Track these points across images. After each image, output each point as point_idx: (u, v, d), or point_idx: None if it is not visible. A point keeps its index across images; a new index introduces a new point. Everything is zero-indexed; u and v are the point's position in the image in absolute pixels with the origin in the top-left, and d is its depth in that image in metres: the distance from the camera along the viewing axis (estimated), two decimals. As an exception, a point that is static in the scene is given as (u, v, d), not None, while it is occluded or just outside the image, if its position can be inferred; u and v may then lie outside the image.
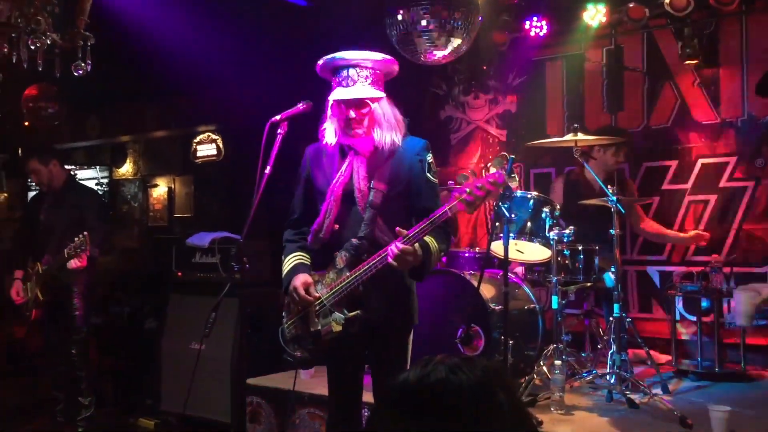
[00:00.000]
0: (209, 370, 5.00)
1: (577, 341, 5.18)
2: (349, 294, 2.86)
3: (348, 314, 2.86)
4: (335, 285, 2.90)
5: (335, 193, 2.94)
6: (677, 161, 5.60)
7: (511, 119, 6.40)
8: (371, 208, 2.89)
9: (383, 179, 2.92)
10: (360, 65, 2.93)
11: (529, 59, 6.20)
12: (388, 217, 2.91)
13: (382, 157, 2.97)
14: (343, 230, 2.93)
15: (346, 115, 2.90)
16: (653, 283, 5.70)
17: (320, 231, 2.96)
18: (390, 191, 2.91)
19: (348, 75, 2.91)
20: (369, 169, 2.94)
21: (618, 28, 5.70)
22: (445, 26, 4.29)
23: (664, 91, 5.67)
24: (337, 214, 2.94)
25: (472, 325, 4.41)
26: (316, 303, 2.93)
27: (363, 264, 2.82)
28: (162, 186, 8.33)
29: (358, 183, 2.92)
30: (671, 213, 5.59)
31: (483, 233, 6.38)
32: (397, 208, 2.94)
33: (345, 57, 2.93)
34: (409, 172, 2.95)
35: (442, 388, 1.16)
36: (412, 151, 2.98)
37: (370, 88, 2.92)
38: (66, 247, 4.67)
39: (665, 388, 4.43)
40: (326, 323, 2.90)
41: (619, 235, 4.38)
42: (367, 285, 2.84)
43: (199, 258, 5.55)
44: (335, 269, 2.93)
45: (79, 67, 2.62)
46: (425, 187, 2.94)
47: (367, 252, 2.85)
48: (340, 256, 2.92)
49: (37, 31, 2.40)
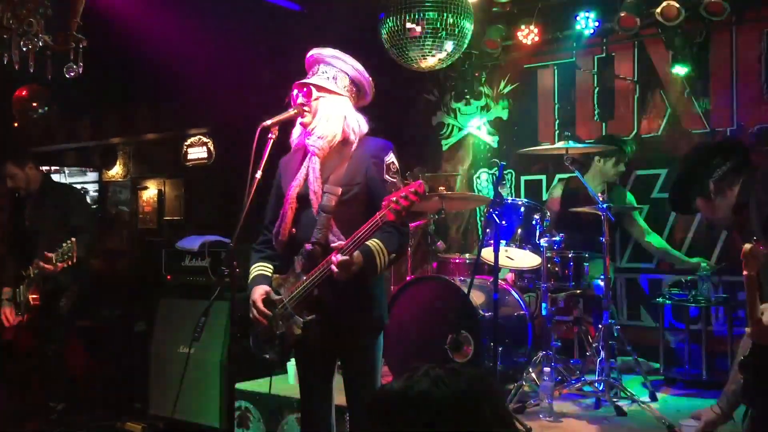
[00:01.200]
0: (198, 374, 4.99)
1: (567, 348, 5.19)
2: (306, 298, 2.90)
3: (306, 318, 2.89)
4: (294, 289, 2.94)
5: (291, 196, 2.99)
6: (667, 170, 5.63)
7: (502, 126, 6.42)
8: (324, 212, 2.91)
9: (337, 182, 2.95)
10: (329, 63, 3.04)
11: (520, 66, 6.23)
12: (342, 221, 2.92)
13: (338, 158, 3.00)
14: (300, 233, 2.97)
15: (294, 100, 3.01)
16: (642, 291, 5.72)
17: (279, 234, 3.01)
18: (344, 195, 2.93)
19: (314, 69, 3.06)
20: (324, 172, 2.97)
21: (609, 36, 5.73)
22: (437, 33, 4.30)
23: (654, 100, 5.70)
24: (293, 218, 2.98)
25: (462, 331, 4.42)
26: (279, 306, 2.97)
27: (314, 270, 2.86)
28: (152, 188, 8.30)
29: (313, 185, 2.95)
30: (661, 221, 5.61)
31: (473, 239, 6.40)
32: (352, 211, 2.94)
33: (316, 53, 3.07)
34: (365, 174, 2.97)
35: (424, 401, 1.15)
36: (370, 153, 3.00)
37: (328, 81, 3.01)
38: (53, 252, 4.64)
39: (653, 395, 4.45)
40: (288, 326, 2.94)
41: (609, 243, 4.39)
42: (325, 289, 2.87)
43: (188, 261, 5.54)
44: (294, 273, 2.97)
45: (72, 69, 2.61)
46: (383, 190, 2.91)
47: (321, 257, 2.87)
48: (297, 260, 2.96)
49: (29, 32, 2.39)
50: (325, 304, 2.90)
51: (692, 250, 5.46)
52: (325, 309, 2.90)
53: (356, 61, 3.09)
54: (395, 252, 2.92)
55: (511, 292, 4.83)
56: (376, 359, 3.07)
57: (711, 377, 4.88)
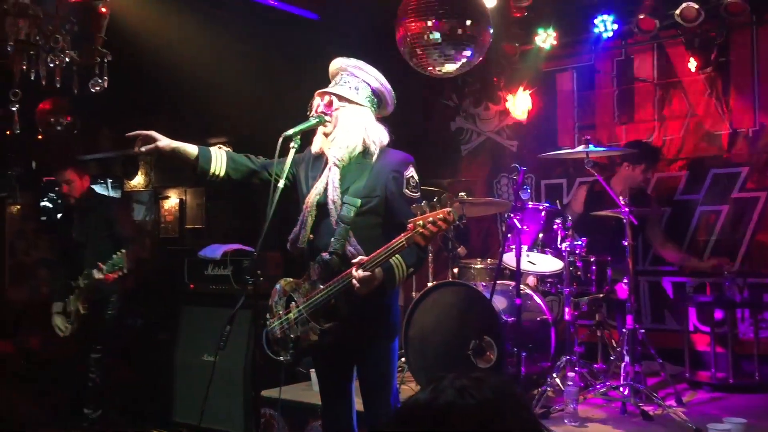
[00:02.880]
0: (222, 382, 5.01)
1: (590, 352, 5.17)
2: (323, 306, 2.93)
3: (323, 325, 2.92)
4: (310, 296, 2.96)
5: (311, 203, 3.01)
6: (688, 172, 5.59)
7: (521, 130, 6.41)
8: (342, 222, 2.93)
9: (357, 193, 2.96)
10: (351, 73, 3.05)
11: (539, 70, 6.22)
12: (360, 232, 2.94)
13: (358, 170, 3.01)
14: (318, 240, 2.99)
15: (315, 109, 3.03)
16: (666, 294, 5.68)
17: (297, 241, 3.04)
18: (363, 207, 2.95)
19: (336, 79, 3.08)
20: (344, 182, 2.99)
21: (628, 39, 5.71)
22: (455, 39, 4.30)
23: (675, 102, 5.67)
24: (312, 225, 3.00)
25: (484, 337, 4.41)
26: (294, 310, 3.01)
27: (333, 280, 2.88)
28: (173, 198, 8.38)
29: (332, 195, 2.96)
30: (683, 224, 5.57)
31: (493, 243, 6.38)
32: (370, 223, 2.97)
33: (339, 63, 3.09)
34: (384, 188, 2.97)
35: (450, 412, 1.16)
36: (389, 167, 3.00)
37: (348, 92, 3.01)
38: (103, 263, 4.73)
39: (679, 399, 4.41)
40: (304, 331, 2.97)
41: (632, 246, 4.37)
42: (341, 298, 2.90)
43: (211, 270, 5.57)
44: (310, 280, 2.99)
45: (97, 84, 2.65)
46: (402, 204, 2.94)
47: (338, 267, 2.90)
48: (313, 267, 2.98)
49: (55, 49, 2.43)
50: (342, 312, 2.93)
51: (716, 253, 5.42)
52: (341, 317, 2.93)
53: (378, 72, 3.10)
54: (413, 266, 2.94)
55: (534, 296, 4.82)
56: (391, 365, 3.09)
57: (737, 380, 4.83)
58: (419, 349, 4.64)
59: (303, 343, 2.98)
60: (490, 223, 6.47)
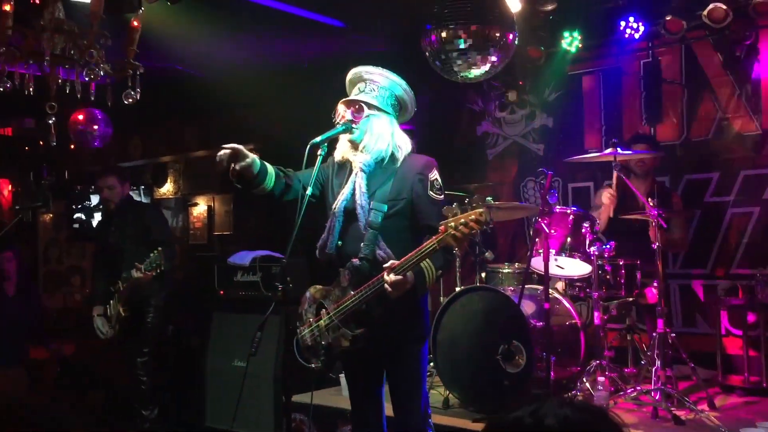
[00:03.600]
0: (253, 387, 5.07)
1: (621, 357, 5.14)
2: (354, 311, 2.95)
3: (355, 331, 2.95)
4: (341, 302, 2.99)
5: (339, 209, 3.04)
6: (719, 173, 5.53)
7: (548, 133, 6.39)
8: (371, 228, 2.96)
9: (383, 198, 3.00)
10: (376, 81, 3.09)
11: (565, 73, 6.20)
12: (388, 236, 2.98)
13: (384, 175, 3.04)
14: (347, 246, 3.03)
15: (344, 117, 3.04)
16: (697, 297, 5.62)
17: (326, 247, 3.07)
18: (390, 210, 2.98)
19: (359, 86, 3.11)
20: (370, 187, 3.02)
21: (655, 40, 5.67)
22: (480, 44, 4.32)
23: (703, 103, 5.61)
24: (340, 231, 3.04)
25: (513, 341, 4.40)
26: (325, 317, 3.03)
27: (364, 286, 2.91)
28: (202, 204, 8.49)
29: (360, 200, 3.00)
30: (713, 226, 5.52)
31: (520, 247, 6.36)
32: (398, 226, 3.01)
33: (363, 70, 3.11)
34: (410, 190, 3.01)
35: None
36: (414, 170, 3.04)
37: (374, 99, 3.05)
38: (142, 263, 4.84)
39: (711, 403, 4.37)
40: (335, 337, 3.00)
41: (660, 249, 4.34)
42: (372, 303, 2.92)
43: (240, 276, 5.64)
44: (340, 286, 3.02)
45: (130, 96, 2.71)
46: (427, 206, 2.99)
47: (369, 272, 2.93)
48: (343, 274, 3.01)
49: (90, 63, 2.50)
50: (373, 317, 2.96)
51: (747, 255, 5.36)
52: (373, 322, 2.96)
53: (402, 79, 3.13)
54: (442, 269, 2.97)
55: (563, 300, 4.80)
56: (421, 369, 3.12)
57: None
58: (448, 353, 4.65)
59: (334, 349, 3.01)
60: (517, 227, 6.45)
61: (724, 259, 5.49)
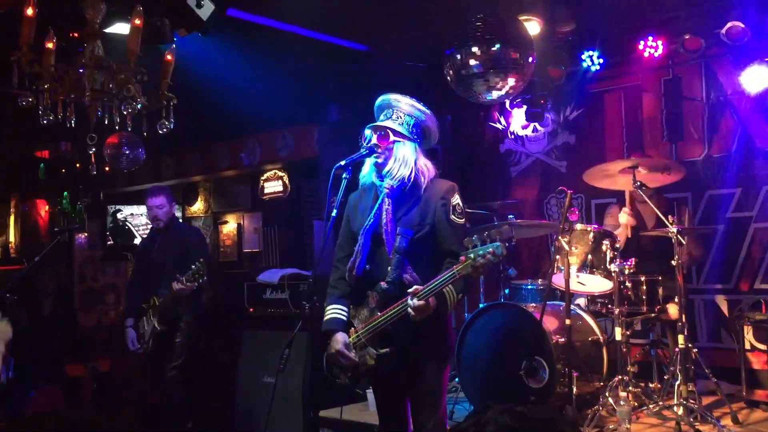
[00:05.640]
0: (282, 403, 5.18)
1: (645, 372, 5.17)
2: (380, 332, 3.09)
3: (380, 351, 3.09)
4: (369, 323, 3.12)
5: (366, 234, 3.16)
6: (741, 189, 5.56)
7: (570, 151, 6.47)
8: (398, 253, 3.09)
9: (409, 223, 3.12)
10: (402, 109, 3.22)
11: (586, 92, 6.27)
12: (414, 260, 3.10)
13: (410, 200, 3.16)
14: (374, 270, 3.15)
15: (370, 141, 3.15)
16: (721, 312, 5.63)
17: (353, 270, 3.19)
18: (415, 235, 3.10)
19: (386, 115, 3.23)
20: (396, 213, 3.14)
21: (675, 58, 5.73)
22: (499, 67, 4.43)
23: (724, 120, 5.66)
24: (367, 255, 3.15)
25: (536, 357, 4.47)
26: (353, 336, 3.16)
27: (390, 308, 3.04)
28: (231, 222, 8.68)
29: (387, 226, 3.12)
30: (737, 242, 5.54)
31: (544, 263, 6.41)
32: (424, 250, 3.13)
33: (387, 98, 3.25)
34: (434, 215, 3.13)
35: None
36: (437, 195, 3.16)
37: (401, 126, 3.17)
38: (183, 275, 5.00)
39: (735, 419, 4.39)
40: (362, 356, 3.14)
41: (680, 265, 4.38)
42: (397, 324, 3.05)
43: (269, 294, 5.77)
44: (368, 308, 3.15)
45: (164, 126, 2.87)
46: (449, 230, 3.11)
47: (395, 295, 3.05)
48: (371, 295, 3.13)
49: (127, 97, 2.66)
50: (398, 337, 3.08)
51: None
52: (398, 342, 3.09)
53: (427, 108, 3.26)
54: (463, 292, 3.12)
55: (584, 317, 4.86)
56: (441, 385, 3.22)
57: (796, 399, 4.77)
58: (472, 369, 4.73)
59: (361, 367, 3.15)
60: (541, 244, 6.52)
61: (748, 274, 5.50)
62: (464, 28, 4.52)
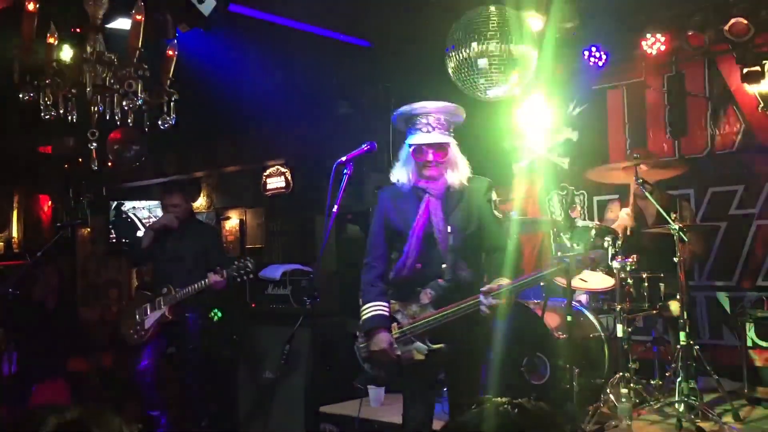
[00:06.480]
0: (283, 398, 5.19)
1: (647, 369, 5.16)
2: (434, 328, 3.13)
3: (432, 346, 3.14)
4: (419, 318, 3.16)
5: (417, 234, 3.19)
6: (744, 186, 5.55)
7: (573, 147, 6.44)
8: (452, 251, 3.15)
9: (459, 221, 3.18)
10: (436, 114, 3.20)
11: (589, 88, 6.26)
12: (466, 257, 3.19)
13: (455, 199, 3.22)
14: (425, 269, 3.20)
15: (425, 158, 3.17)
16: (723, 309, 5.63)
17: (403, 269, 3.22)
18: (466, 233, 3.18)
19: (428, 122, 3.19)
20: (445, 211, 3.19)
21: (678, 55, 5.71)
22: (501, 64, 4.42)
23: (727, 116, 5.64)
24: (418, 254, 3.18)
25: (537, 354, 4.48)
26: (397, 330, 3.19)
27: (452, 305, 3.10)
28: (234, 218, 8.68)
29: (438, 225, 3.17)
30: (739, 239, 5.53)
31: (546, 260, 6.40)
32: (473, 247, 3.23)
33: (425, 107, 3.21)
34: (479, 212, 3.21)
35: None
36: (480, 192, 3.24)
37: (446, 134, 3.20)
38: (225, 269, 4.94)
39: (736, 416, 4.39)
40: (407, 350, 3.18)
41: (682, 262, 4.38)
42: (456, 321, 3.11)
43: (271, 290, 5.78)
44: (419, 303, 3.19)
45: (165, 121, 2.88)
46: (494, 226, 3.23)
47: (453, 293, 3.12)
48: (424, 292, 3.17)
49: (129, 92, 2.66)
50: (454, 334, 3.12)
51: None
52: (451, 338, 3.13)
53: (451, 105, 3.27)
54: None
55: (586, 313, 4.86)
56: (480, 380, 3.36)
57: (798, 397, 4.76)
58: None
59: (404, 361, 3.18)
60: (543, 240, 6.50)
61: (751, 271, 5.49)
62: (467, 24, 4.52)
